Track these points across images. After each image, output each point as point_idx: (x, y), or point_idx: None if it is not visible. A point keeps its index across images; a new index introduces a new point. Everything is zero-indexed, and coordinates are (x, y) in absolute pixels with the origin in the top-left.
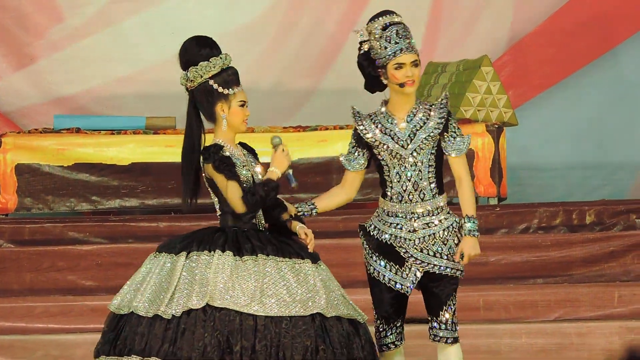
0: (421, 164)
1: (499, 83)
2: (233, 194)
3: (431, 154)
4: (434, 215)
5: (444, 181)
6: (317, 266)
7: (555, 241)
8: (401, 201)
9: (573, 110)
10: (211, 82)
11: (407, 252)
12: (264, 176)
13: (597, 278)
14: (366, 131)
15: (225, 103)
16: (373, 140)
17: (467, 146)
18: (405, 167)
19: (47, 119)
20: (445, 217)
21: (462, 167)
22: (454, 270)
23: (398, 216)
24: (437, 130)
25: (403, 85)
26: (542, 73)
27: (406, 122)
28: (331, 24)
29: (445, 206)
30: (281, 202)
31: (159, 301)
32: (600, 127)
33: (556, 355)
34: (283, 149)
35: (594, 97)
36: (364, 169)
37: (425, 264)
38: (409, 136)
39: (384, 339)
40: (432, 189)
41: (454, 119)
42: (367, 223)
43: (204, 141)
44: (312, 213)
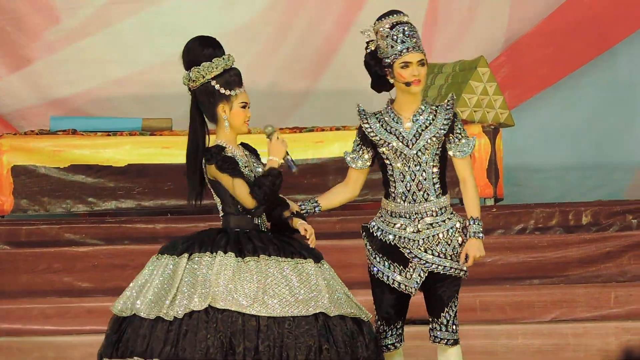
0: (425, 164)
1: (496, 84)
2: (240, 190)
3: (436, 154)
4: (438, 215)
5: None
6: (320, 265)
7: (552, 242)
8: (405, 201)
9: (569, 111)
10: (213, 82)
11: (411, 252)
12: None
13: (593, 279)
14: (371, 129)
15: (226, 104)
16: (378, 139)
17: (472, 148)
18: (409, 167)
19: (44, 120)
20: (449, 218)
21: (467, 168)
22: (457, 270)
23: (402, 217)
24: (443, 131)
25: (409, 84)
26: (538, 74)
27: (412, 121)
28: (328, 25)
29: (449, 206)
30: (284, 200)
31: (160, 303)
32: (597, 128)
33: (553, 356)
34: (277, 137)
35: (590, 97)
36: (368, 167)
37: (429, 264)
38: (414, 136)
39: (384, 340)
40: (436, 190)
41: (459, 120)
42: (369, 224)
43: (208, 142)
44: (315, 211)
